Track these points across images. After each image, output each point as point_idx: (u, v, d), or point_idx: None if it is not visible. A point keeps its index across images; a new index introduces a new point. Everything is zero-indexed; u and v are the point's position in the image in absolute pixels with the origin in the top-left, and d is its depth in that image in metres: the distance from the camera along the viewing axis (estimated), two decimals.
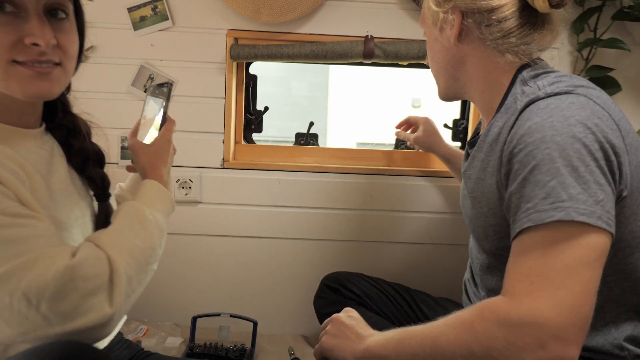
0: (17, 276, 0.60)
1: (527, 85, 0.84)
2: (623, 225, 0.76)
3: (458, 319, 0.75)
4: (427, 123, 1.42)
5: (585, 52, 1.41)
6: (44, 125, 0.83)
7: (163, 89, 0.94)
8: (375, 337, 0.84)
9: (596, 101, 0.77)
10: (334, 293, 1.26)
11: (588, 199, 0.69)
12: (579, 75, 1.29)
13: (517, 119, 0.80)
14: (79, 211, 0.82)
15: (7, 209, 0.64)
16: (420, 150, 1.56)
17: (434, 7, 0.91)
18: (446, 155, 1.39)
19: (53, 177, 0.79)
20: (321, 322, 1.29)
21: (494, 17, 0.84)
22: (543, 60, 0.91)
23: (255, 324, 1.35)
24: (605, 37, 1.38)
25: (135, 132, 0.95)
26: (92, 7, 1.24)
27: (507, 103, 0.86)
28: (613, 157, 0.73)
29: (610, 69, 1.38)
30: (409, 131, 1.47)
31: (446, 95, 1.00)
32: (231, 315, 1.37)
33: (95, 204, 0.88)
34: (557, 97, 0.78)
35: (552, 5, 0.82)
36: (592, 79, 1.21)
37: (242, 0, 1.35)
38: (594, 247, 0.69)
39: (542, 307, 0.67)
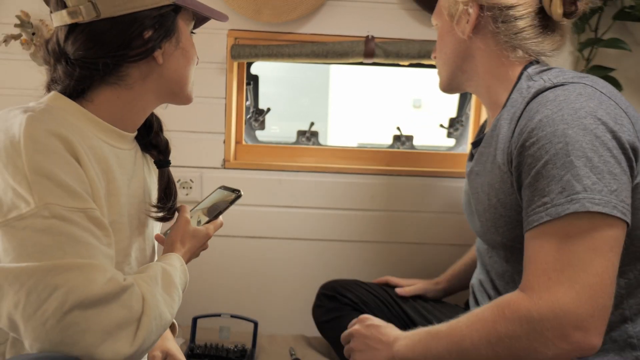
0: (70, 273, 0.60)
1: (533, 80, 0.87)
2: (638, 212, 0.78)
3: (479, 320, 0.78)
4: (420, 290, 1.27)
5: (586, 52, 1.41)
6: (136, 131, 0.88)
7: (232, 194, 1.00)
8: (401, 342, 0.87)
9: (602, 91, 0.79)
10: (330, 301, 1.27)
11: (603, 189, 0.71)
12: None
13: (524, 109, 0.82)
14: (139, 221, 0.86)
15: (89, 211, 0.66)
16: (420, 152, 1.57)
17: None
18: (452, 279, 1.29)
19: (134, 179, 0.85)
20: (320, 331, 1.30)
21: (510, 14, 0.88)
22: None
23: (255, 324, 1.35)
24: (606, 37, 1.38)
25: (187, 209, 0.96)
26: None
27: (513, 97, 0.88)
28: (627, 145, 0.75)
29: (611, 69, 1.38)
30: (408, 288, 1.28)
31: (449, 87, 1.02)
32: (232, 316, 1.37)
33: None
34: (564, 88, 0.79)
35: (565, 15, 0.87)
36: None
37: (243, 0, 1.35)
38: (608, 237, 0.71)
39: (561, 301, 0.70)
